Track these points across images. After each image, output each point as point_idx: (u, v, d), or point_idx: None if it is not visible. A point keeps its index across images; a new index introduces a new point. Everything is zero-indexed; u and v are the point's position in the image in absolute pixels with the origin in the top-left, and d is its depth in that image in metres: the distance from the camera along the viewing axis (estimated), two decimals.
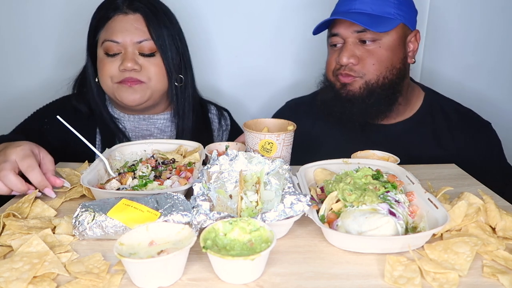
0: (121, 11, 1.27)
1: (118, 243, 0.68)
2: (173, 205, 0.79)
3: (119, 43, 1.25)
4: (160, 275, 0.65)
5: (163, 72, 1.30)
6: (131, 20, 1.27)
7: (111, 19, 1.28)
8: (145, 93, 1.29)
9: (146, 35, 1.26)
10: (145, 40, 1.26)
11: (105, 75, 1.28)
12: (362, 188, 0.83)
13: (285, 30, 1.80)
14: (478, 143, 1.33)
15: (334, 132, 1.40)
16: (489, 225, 0.81)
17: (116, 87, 1.28)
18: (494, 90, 1.60)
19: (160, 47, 1.28)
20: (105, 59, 1.28)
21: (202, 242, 0.68)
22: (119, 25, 1.26)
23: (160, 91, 1.33)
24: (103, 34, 1.28)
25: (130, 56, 1.25)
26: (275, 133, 1.00)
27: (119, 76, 1.27)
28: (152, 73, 1.28)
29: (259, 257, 0.64)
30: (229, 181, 0.92)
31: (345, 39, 1.27)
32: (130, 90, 1.28)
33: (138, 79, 1.27)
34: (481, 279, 0.67)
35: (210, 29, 1.78)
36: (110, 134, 1.36)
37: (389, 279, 0.66)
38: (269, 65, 1.86)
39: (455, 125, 1.34)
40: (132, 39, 1.25)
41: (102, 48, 1.28)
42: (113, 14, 1.28)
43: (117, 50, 1.26)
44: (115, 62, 1.27)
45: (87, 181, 0.92)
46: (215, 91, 1.79)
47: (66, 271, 0.68)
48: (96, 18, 1.30)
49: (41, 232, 0.78)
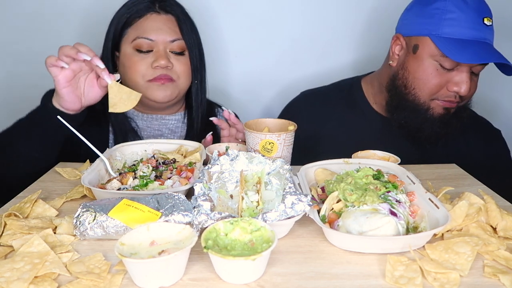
0: (153, 11, 1.32)
1: (119, 243, 0.68)
2: (174, 205, 0.79)
3: (153, 40, 1.29)
4: (161, 275, 0.65)
5: (189, 71, 1.37)
6: (164, 20, 1.32)
7: (143, 17, 1.31)
8: (175, 90, 1.34)
9: (178, 35, 1.33)
10: (177, 40, 1.32)
11: (137, 72, 1.30)
12: (363, 188, 0.84)
13: (286, 30, 1.80)
14: (488, 147, 1.34)
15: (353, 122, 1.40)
16: (490, 225, 0.81)
17: (147, 85, 1.31)
18: None
19: (189, 47, 1.34)
20: (135, 56, 1.30)
21: (203, 242, 0.68)
22: (153, 24, 1.31)
23: (185, 89, 1.39)
24: (133, 31, 1.31)
25: (163, 53, 1.30)
26: (276, 133, 1.00)
27: (152, 74, 1.30)
28: (181, 71, 1.34)
29: (260, 257, 0.64)
30: (230, 181, 0.92)
31: (462, 66, 1.18)
32: (162, 87, 1.31)
33: (170, 76, 1.31)
34: (482, 279, 0.67)
35: (210, 29, 1.78)
36: (123, 132, 1.37)
37: (390, 279, 0.66)
38: (270, 65, 1.85)
39: (467, 129, 1.33)
40: (166, 38, 1.30)
41: (132, 44, 1.31)
42: (145, 13, 1.32)
43: (149, 47, 1.30)
44: (146, 59, 1.30)
45: (88, 181, 0.92)
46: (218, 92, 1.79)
47: (67, 271, 0.68)
48: (124, 15, 1.32)
49: (42, 232, 0.78)
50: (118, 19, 1.33)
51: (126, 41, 1.32)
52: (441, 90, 1.21)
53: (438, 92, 1.22)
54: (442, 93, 1.22)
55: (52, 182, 1.06)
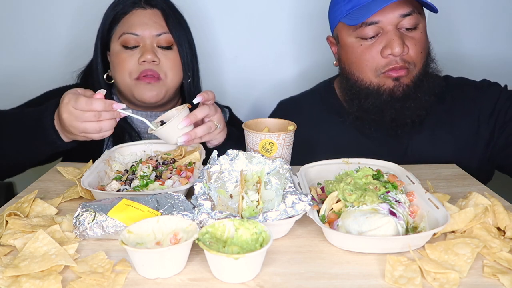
0: (139, 6, 1.31)
1: (127, 231, 0.70)
2: (173, 205, 0.80)
3: (138, 35, 1.28)
4: (157, 266, 0.66)
5: (178, 66, 1.34)
6: (149, 15, 1.31)
7: (129, 14, 1.31)
8: (162, 89, 1.31)
9: (164, 29, 1.30)
10: (163, 33, 1.30)
11: (124, 70, 1.29)
12: (362, 188, 0.84)
13: (284, 30, 1.80)
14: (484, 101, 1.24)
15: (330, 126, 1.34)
16: (497, 227, 0.80)
17: (134, 84, 1.30)
18: None
19: (177, 40, 1.32)
20: (122, 53, 1.29)
21: (200, 234, 0.69)
22: (138, 19, 1.29)
23: (175, 87, 1.36)
24: (120, 28, 1.31)
25: (149, 48, 1.28)
26: (276, 133, 1.00)
27: (137, 70, 1.28)
28: (169, 67, 1.31)
29: (244, 259, 0.63)
30: (230, 180, 0.92)
31: (384, 27, 1.12)
32: (148, 86, 1.29)
33: (156, 72, 1.29)
34: (482, 279, 0.67)
35: (210, 28, 1.78)
36: (120, 130, 1.34)
37: (389, 279, 0.66)
38: (269, 65, 1.86)
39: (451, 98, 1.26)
40: (151, 32, 1.29)
41: (119, 41, 1.30)
42: (131, 9, 1.31)
43: (135, 43, 1.29)
44: (133, 56, 1.28)
45: (87, 183, 0.92)
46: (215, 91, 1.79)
47: (73, 262, 0.68)
48: (111, 13, 1.32)
49: (49, 228, 0.78)
50: (105, 17, 1.33)
51: (114, 39, 1.32)
52: (379, 61, 1.15)
53: (377, 64, 1.15)
54: (381, 64, 1.15)
55: (52, 182, 1.06)
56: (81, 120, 0.98)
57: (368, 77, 1.18)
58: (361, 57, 1.17)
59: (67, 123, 0.99)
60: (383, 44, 1.13)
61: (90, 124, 0.98)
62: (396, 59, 1.13)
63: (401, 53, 1.11)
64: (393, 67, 1.13)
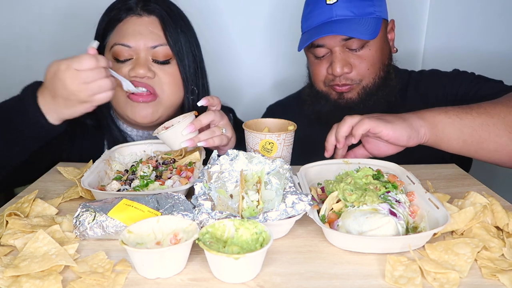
0: (134, 13, 1.16)
1: (127, 231, 0.70)
2: (173, 205, 0.80)
3: (131, 47, 1.13)
4: (157, 266, 0.66)
5: (178, 82, 1.19)
6: (145, 23, 1.15)
7: (123, 21, 1.15)
8: (157, 108, 1.17)
9: (161, 40, 1.15)
10: (160, 45, 1.14)
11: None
12: (362, 188, 0.84)
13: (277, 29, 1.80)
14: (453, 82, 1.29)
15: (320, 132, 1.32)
16: (496, 226, 0.80)
17: (126, 102, 1.16)
18: None
19: (177, 53, 1.16)
20: (114, 66, 1.14)
21: (200, 234, 0.69)
22: (132, 28, 1.14)
23: (173, 106, 1.21)
24: (112, 38, 1.16)
25: (142, 61, 1.13)
26: (276, 133, 1.00)
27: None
28: (166, 83, 1.17)
29: (244, 259, 0.63)
30: (230, 180, 0.92)
31: (331, 48, 1.22)
32: (142, 105, 1.15)
33: (151, 86, 1.14)
34: (482, 279, 0.67)
35: (209, 28, 1.78)
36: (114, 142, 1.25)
37: (389, 279, 0.66)
38: (262, 64, 1.86)
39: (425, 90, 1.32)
40: (146, 43, 1.13)
41: (110, 52, 1.15)
42: (125, 16, 1.15)
43: (128, 56, 1.14)
44: (124, 69, 1.14)
45: (87, 183, 0.92)
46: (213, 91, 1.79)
47: (74, 262, 0.68)
48: (105, 20, 1.18)
49: (49, 228, 0.78)
50: (100, 23, 1.20)
51: (106, 49, 1.17)
52: (326, 76, 1.26)
53: (325, 78, 1.27)
54: (328, 78, 1.26)
55: (52, 182, 1.06)
56: (91, 79, 0.89)
57: (320, 86, 1.31)
58: (314, 71, 1.31)
59: (73, 88, 0.89)
60: (329, 63, 1.25)
61: (103, 81, 0.91)
62: (339, 78, 1.23)
63: (341, 74, 1.22)
64: (336, 83, 1.25)
